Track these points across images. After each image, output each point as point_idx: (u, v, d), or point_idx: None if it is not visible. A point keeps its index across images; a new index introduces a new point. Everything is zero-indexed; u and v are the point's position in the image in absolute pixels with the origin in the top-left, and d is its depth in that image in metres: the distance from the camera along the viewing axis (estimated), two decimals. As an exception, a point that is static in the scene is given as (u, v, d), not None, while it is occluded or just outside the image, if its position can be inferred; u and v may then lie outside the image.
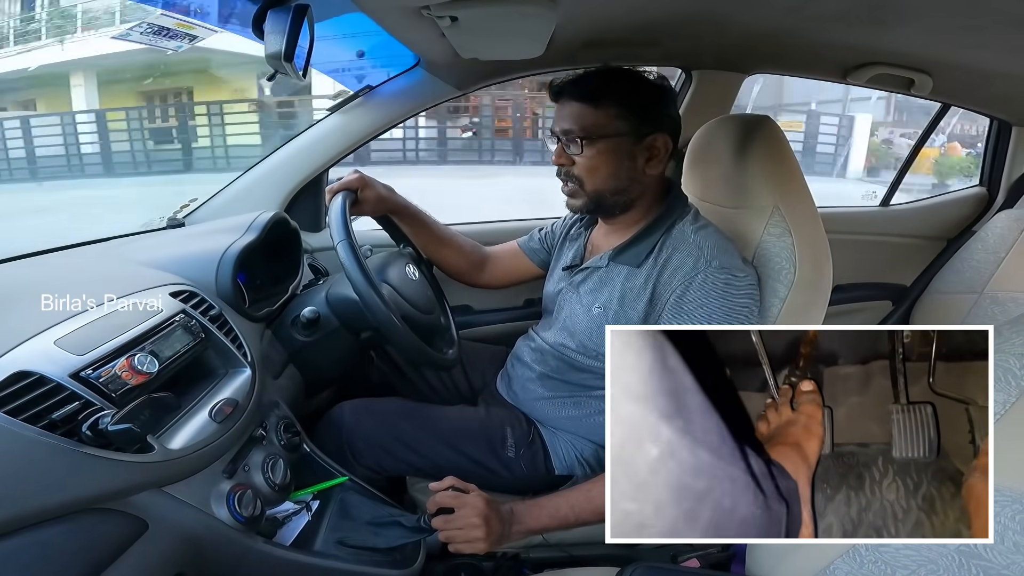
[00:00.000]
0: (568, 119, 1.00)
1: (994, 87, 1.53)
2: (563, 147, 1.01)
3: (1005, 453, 0.52)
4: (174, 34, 1.05)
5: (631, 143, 0.99)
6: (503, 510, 0.90)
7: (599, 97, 0.98)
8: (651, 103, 1.00)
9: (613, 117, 0.98)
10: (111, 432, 0.61)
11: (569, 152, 1.00)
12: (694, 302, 0.93)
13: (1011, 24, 1.02)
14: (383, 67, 1.39)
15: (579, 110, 0.99)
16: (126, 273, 0.97)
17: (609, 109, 0.98)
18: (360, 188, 1.13)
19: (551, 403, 1.10)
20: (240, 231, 1.05)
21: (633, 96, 0.99)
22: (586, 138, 0.98)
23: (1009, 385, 0.55)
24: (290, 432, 0.95)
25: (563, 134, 1.00)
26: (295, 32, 0.90)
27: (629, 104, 0.98)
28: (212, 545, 0.73)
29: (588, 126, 0.98)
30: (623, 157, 0.99)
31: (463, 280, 1.35)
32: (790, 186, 1.04)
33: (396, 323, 0.99)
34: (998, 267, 1.69)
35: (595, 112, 0.98)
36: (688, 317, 0.93)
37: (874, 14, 1.05)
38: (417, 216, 1.28)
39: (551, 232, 1.29)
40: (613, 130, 0.98)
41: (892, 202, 1.96)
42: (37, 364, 0.64)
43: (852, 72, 1.46)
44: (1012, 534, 0.51)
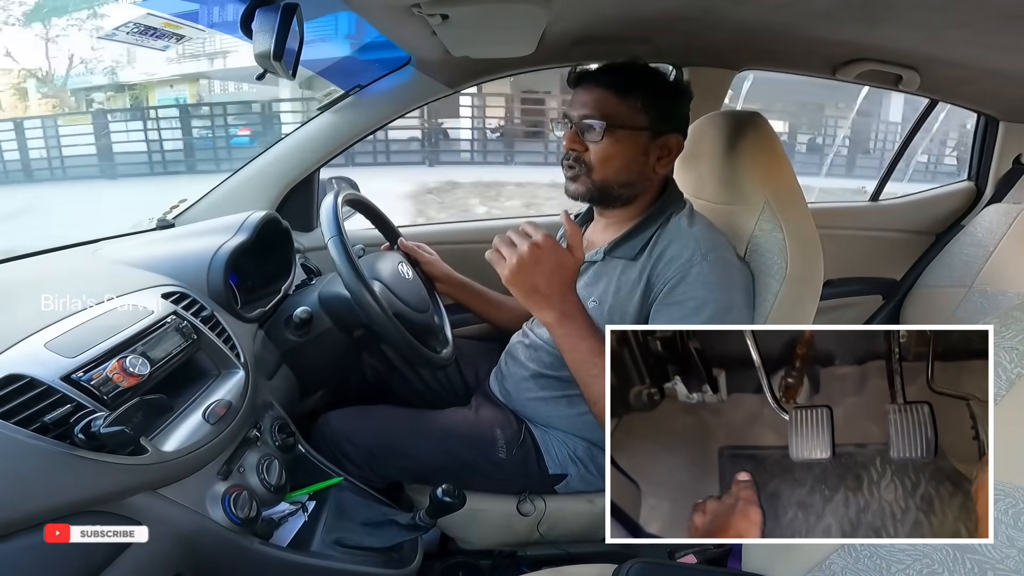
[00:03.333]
0: (589, 105, 1.00)
1: (981, 83, 1.55)
2: (576, 132, 1.01)
3: (995, 447, 0.53)
4: (161, 33, 1.04)
5: (648, 138, 1.00)
6: (558, 281, 0.89)
7: (626, 88, 0.99)
8: (673, 102, 1.02)
9: (637, 110, 0.98)
10: (104, 434, 0.61)
11: (585, 138, 1.00)
12: (686, 293, 0.93)
13: (997, 20, 1.03)
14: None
15: (604, 97, 0.99)
16: (116, 275, 0.96)
17: (635, 101, 0.98)
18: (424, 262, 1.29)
19: (544, 401, 1.10)
20: (231, 231, 1.04)
21: (658, 92, 1.00)
22: (608, 126, 0.98)
23: (999, 378, 0.56)
24: (284, 433, 0.94)
25: (581, 119, 1.00)
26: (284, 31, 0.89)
27: (654, 99, 0.99)
28: (208, 547, 0.73)
29: (611, 114, 0.98)
30: (638, 151, 1.00)
31: None
32: (780, 181, 1.05)
33: (387, 320, 0.99)
34: (987, 261, 1.71)
35: (620, 101, 0.98)
36: (679, 308, 0.93)
37: (862, 10, 1.05)
38: (468, 286, 1.35)
39: None
40: (634, 122, 0.99)
41: (881, 197, 1.98)
42: (28, 367, 0.64)
43: (841, 68, 1.46)
44: (1006, 528, 0.52)
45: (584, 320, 0.92)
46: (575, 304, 0.92)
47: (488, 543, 1.10)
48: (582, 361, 0.91)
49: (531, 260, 0.87)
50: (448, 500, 0.87)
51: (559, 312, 0.90)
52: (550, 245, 0.88)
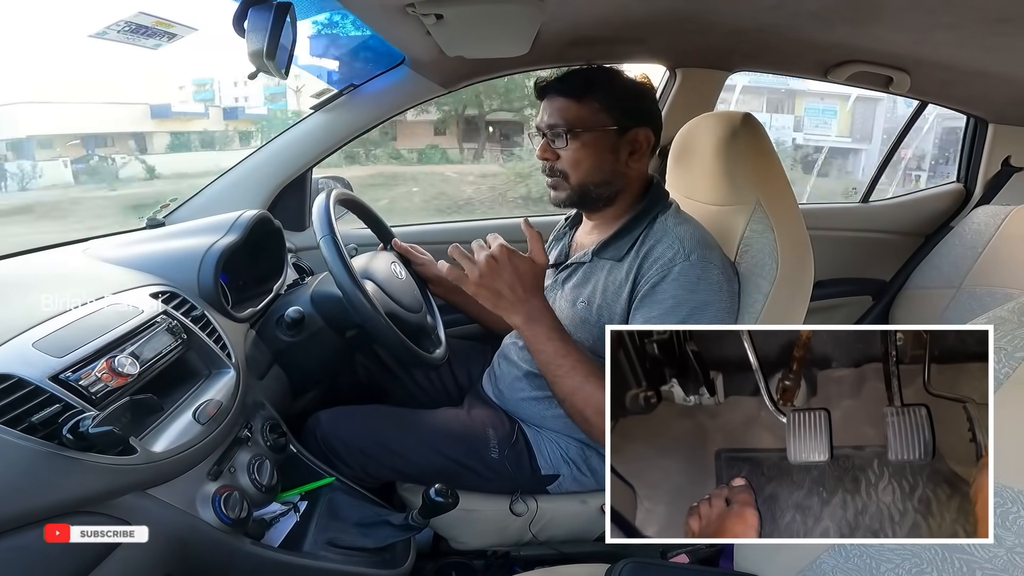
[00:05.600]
0: (553, 114, 1.02)
1: (970, 85, 1.56)
2: (548, 142, 1.03)
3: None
4: (152, 32, 1.03)
5: (614, 137, 1.01)
6: (521, 287, 0.94)
7: (582, 92, 1.01)
8: (632, 98, 1.03)
9: (596, 111, 1.00)
10: (92, 435, 0.60)
11: (554, 146, 1.03)
12: (666, 291, 0.94)
13: (986, 23, 1.04)
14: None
15: (563, 105, 1.01)
16: (105, 274, 0.95)
17: (592, 104, 1.00)
18: (419, 263, 1.31)
19: (537, 401, 1.10)
20: (222, 230, 1.04)
21: (615, 91, 1.02)
22: (570, 131, 1.00)
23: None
24: (276, 433, 0.94)
25: (548, 129, 1.03)
26: (277, 30, 0.89)
27: (611, 99, 1.01)
28: (199, 547, 0.72)
29: (572, 120, 1.00)
30: (606, 150, 1.02)
31: None
32: (772, 182, 1.05)
33: (380, 320, 0.99)
34: (975, 262, 1.72)
35: (579, 107, 1.00)
36: (657, 305, 0.94)
37: (852, 12, 1.06)
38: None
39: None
40: (596, 123, 1.00)
41: (871, 198, 2.00)
42: (15, 367, 0.63)
43: (832, 70, 1.48)
44: (994, 527, 0.51)
45: (550, 322, 0.96)
46: (540, 307, 0.96)
47: (481, 543, 1.09)
48: (548, 362, 0.95)
49: (489, 270, 0.93)
50: (441, 500, 0.87)
51: (524, 315, 0.95)
52: (505, 254, 0.93)
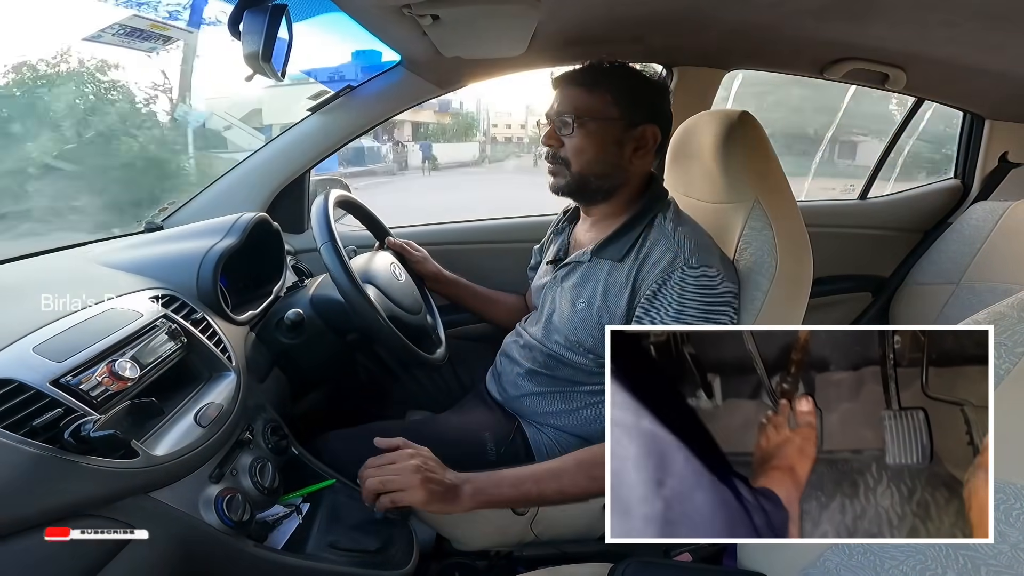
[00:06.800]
0: (563, 102, 1.03)
1: (967, 82, 1.56)
2: (554, 129, 1.04)
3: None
4: (147, 35, 1.03)
5: (621, 130, 1.02)
6: (449, 474, 0.87)
7: (594, 83, 1.02)
8: (645, 94, 1.04)
9: (606, 103, 1.01)
10: (93, 438, 0.60)
11: (560, 134, 1.03)
12: (667, 298, 0.94)
13: (982, 20, 1.04)
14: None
15: (574, 93, 1.02)
16: (105, 278, 0.95)
17: (604, 95, 1.01)
18: (414, 260, 1.35)
19: (539, 398, 1.11)
20: (221, 233, 1.03)
21: (627, 85, 1.02)
22: (577, 119, 1.01)
23: None
24: (277, 435, 0.94)
25: (556, 116, 1.03)
26: (273, 32, 0.89)
27: (623, 92, 1.01)
28: (202, 550, 0.72)
29: (581, 108, 1.01)
30: (611, 142, 1.02)
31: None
32: (770, 180, 1.05)
33: (382, 324, 0.99)
34: (974, 258, 1.73)
35: (589, 96, 1.01)
36: (661, 312, 0.94)
37: (848, 9, 1.06)
38: (459, 283, 1.40)
39: (544, 245, 1.31)
40: (605, 114, 1.01)
41: (869, 195, 2.00)
42: (16, 371, 0.63)
43: (828, 68, 1.48)
44: (998, 524, 0.52)
45: (484, 479, 0.89)
46: (465, 478, 0.88)
47: (483, 544, 1.09)
48: (523, 496, 0.89)
49: (400, 479, 0.84)
50: None
51: (468, 495, 0.87)
52: (390, 458, 0.87)
